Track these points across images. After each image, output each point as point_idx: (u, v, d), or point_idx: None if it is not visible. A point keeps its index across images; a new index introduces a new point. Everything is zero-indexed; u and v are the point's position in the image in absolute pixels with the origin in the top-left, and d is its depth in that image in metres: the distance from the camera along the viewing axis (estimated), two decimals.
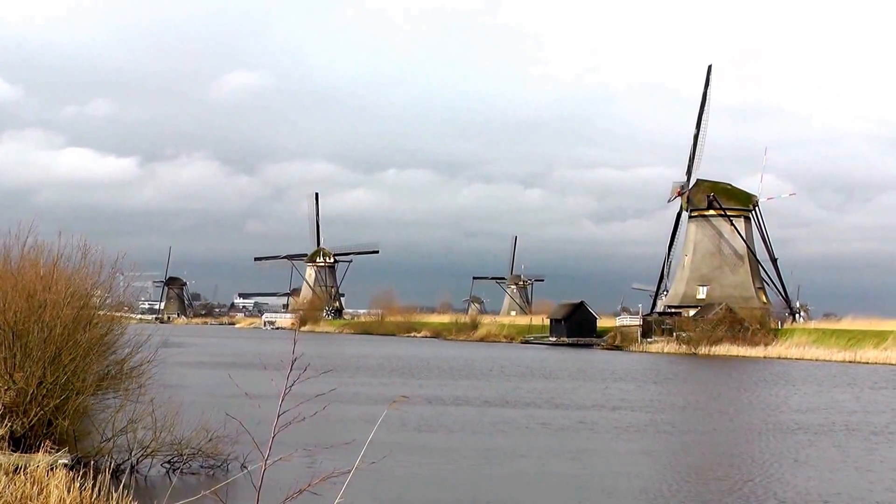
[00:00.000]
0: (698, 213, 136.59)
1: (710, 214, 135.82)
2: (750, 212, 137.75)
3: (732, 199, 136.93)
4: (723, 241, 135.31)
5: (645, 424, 43.96)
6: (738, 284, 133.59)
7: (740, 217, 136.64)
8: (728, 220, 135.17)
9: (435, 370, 79.19)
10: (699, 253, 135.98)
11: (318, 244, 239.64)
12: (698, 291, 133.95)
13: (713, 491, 27.77)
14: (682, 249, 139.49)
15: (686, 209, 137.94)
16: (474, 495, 26.59)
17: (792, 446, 37.34)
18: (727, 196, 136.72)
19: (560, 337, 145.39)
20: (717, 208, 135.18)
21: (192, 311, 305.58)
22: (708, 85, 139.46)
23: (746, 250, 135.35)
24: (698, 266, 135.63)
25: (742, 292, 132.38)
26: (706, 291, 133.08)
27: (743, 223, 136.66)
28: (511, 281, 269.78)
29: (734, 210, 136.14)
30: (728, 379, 76.57)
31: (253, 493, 8.43)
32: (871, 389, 65.96)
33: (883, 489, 28.39)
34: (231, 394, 42.19)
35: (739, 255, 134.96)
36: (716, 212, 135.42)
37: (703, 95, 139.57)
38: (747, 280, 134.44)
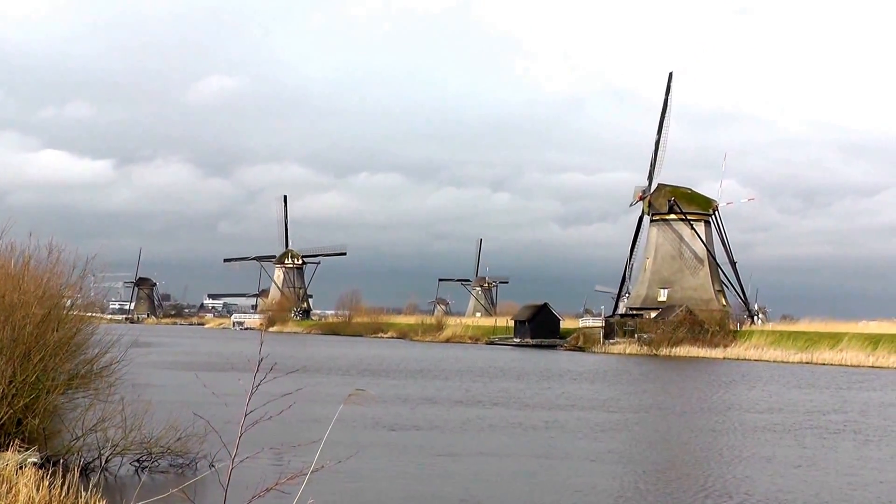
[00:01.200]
0: (660, 217, 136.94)
1: (671, 218, 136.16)
2: (710, 216, 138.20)
3: (693, 204, 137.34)
4: (683, 244, 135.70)
5: (610, 424, 44.05)
6: (698, 287, 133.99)
7: (700, 221, 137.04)
8: (688, 223, 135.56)
9: (403, 370, 79.15)
10: (660, 256, 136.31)
11: (286, 246, 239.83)
12: (659, 294, 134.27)
13: (677, 489, 27.83)
14: (644, 253, 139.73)
15: (648, 213, 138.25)
16: (442, 493, 26.56)
17: (752, 445, 37.51)
18: (687, 200, 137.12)
19: (524, 338, 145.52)
20: (678, 212, 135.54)
21: (161, 311, 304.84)
22: (669, 91, 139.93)
23: (706, 254, 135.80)
24: (659, 269, 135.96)
25: (702, 295, 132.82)
26: (667, 294, 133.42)
27: (703, 227, 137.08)
28: (476, 283, 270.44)
29: (694, 214, 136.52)
30: (688, 379, 76.82)
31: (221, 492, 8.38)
32: (827, 389, 66.26)
33: (842, 485, 28.51)
34: (199, 393, 42.01)
35: (699, 258, 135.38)
36: (676, 216, 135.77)
37: (665, 102, 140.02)
38: (707, 283, 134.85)
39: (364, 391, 9.62)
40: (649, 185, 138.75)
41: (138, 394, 29.71)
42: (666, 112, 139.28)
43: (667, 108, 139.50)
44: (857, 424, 45.57)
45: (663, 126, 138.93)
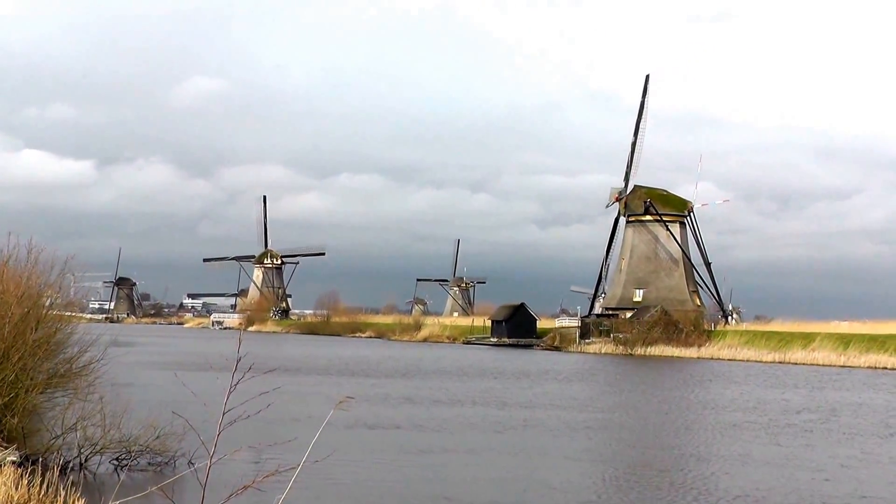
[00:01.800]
0: (635, 219, 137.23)
1: (646, 220, 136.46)
2: (685, 217, 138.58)
3: (668, 205, 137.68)
4: (659, 245, 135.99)
5: (588, 422, 44.10)
6: (672, 287, 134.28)
7: (676, 222, 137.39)
8: (664, 225, 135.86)
9: (381, 370, 79.12)
10: (636, 257, 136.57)
11: (265, 246, 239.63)
12: (635, 294, 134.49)
13: (655, 487, 27.88)
14: (620, 253, 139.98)
15: (624, 214, 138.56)
16: (421, 491, 26.55)
17: (729, 443, 37.62)
18: (663, 202, 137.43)
19: (501, 338, 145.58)
20: (654, 214, 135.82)
21: (141, 311, 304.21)
22: (645, 94, 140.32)
23: (681, 254, 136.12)
24: (635, 269, 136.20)
25: (677, 295, 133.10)
26: (642, 294, 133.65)
27: (678, 228, 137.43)
28: (453, 283, 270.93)
29: (670, 216, 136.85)
30: (664, 379, 76.95)
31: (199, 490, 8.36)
32: (800, 389, 66.43)
33: (816, 483, 28.59)
34: (178, 392, 41.87)
35: (675, 259, 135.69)
36: (652, 217, 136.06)
37: (641, 104, 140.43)
38: (682, 283, 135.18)
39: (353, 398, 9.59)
40: (625, 186, 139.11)
41: (117, 393, 29.66)
42: (642, 115, 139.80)
43: (643, 110, 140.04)
44: (830, 423, 45.73)
45: (639, 128, 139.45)
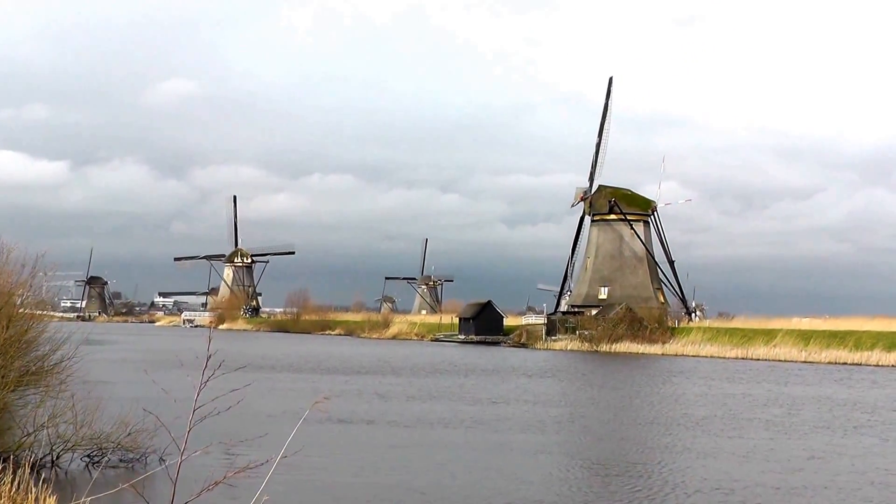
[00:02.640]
0: (600, 218, 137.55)
1: (611, 219, 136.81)
2: (649, 216, 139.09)
3: (632, 205, 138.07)
4: (623, 244, 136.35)
5: (557, 417, 44.28)
6: (637, 285, 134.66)
7: (640, 221, 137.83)
8: (628, 224, 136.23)
9: (352, 366, 79.01)
10: (601, 255, 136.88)
11: (236, 245, 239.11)
12: (600, 292, 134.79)
13: (626, 480, 27.92)
14: (585, 252, 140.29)
15: (589, 213, 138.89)
16: (391, 485, 26.49)
17: (697, 437, 37.72)
18: (627, 201, 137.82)
19: (468, 335, 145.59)
20: (618, 213, 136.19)
21: (113, 309, 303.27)
22: (609, 96, 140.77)
23: (645, 253, 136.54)
24: (600, 268, 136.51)
25: (641, 293, 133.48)
26: (607, 292, 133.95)
27: (642, 227, 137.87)
28: (421, 281, 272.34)
29: (634, 215, 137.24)
30: (630, 375, 77.14)
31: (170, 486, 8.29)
32: (763, 384, 66.70)
33: (783, 475, 28.68)
34: (150, 390, 41.67)
35: (639, 257, 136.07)
36: (617, 216, 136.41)
37: (605, 106, 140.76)
38: (646, 281, 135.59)
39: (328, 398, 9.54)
40: (590, 186, 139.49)
41: (89, 390, 29.45)
42: (606, 116, 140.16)
43: (607, 111, 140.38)
44: (795, 417, 45.95)
45: (604, 129, 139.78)
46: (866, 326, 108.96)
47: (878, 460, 33.12)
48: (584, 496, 25.69)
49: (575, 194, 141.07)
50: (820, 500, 25.50)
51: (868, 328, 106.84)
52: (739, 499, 25.37)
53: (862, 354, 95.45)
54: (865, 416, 47.45)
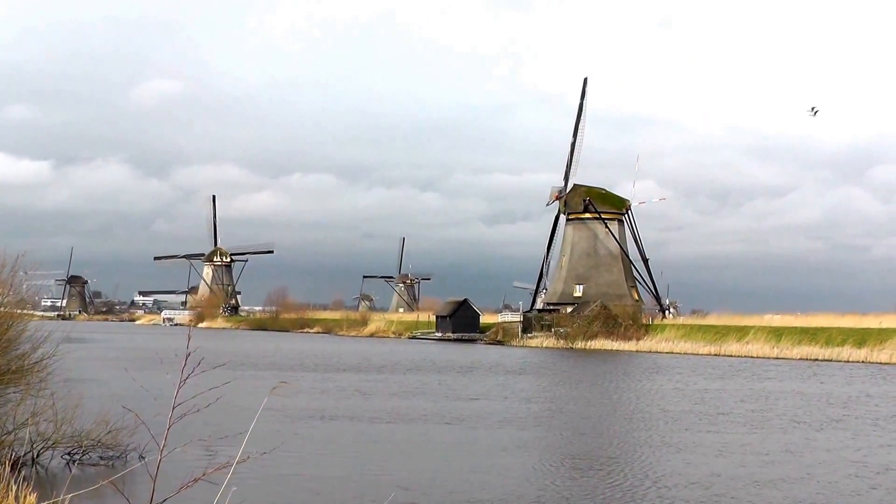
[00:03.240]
0: (575, 216, 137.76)
1: (586, 217, 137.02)
2: (623, 215, 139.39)
3: (607, 203, 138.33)
4: (598, 242, 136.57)
5: (536, 413, 44.37)
6: (612, 283, 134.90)
7: (614, 220, 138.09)
8: (603, 222, 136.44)
9: (331, 364, 78.95)
10: (576, 253, 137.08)
11: (215, 244, 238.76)
12: (575, 289, 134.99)
13: (603, 474, 27.93)
14: (561, 250, 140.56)
15: (564, 212, 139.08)
16: (369, 481, 26.43)
17: (672, 432, 37.79)
18: (602, 200, 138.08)
19: (445, 332, 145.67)
20: (593, 212, 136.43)
21: (93, 308, 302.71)
22: (584, 96, 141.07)
23: (620, 251, 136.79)
24: (575, 266, 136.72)
25: (616, 290, 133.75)
26: (582, 289, 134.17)
27: (617, 226, 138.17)
28: (399, 279, 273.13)
29: (608, 213, 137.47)
30: (605, 371, 77.21)
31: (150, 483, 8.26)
32: (736, 380, 66.89)
33: (761, 467, 28.76)
34: (130, 387, 41.56)
35: (613, 255, 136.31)
36: (591, 215, 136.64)
37: (580, 106, 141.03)
38: (620, 279, 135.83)
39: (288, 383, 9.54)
40: (565, 185, 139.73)
41: (70, 388, 29.35)
42: (581, 115, 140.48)
43: (582, 111, 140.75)
44: (770, 412, 46.09)
45: (578, 129, 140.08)
46: (837, 323, 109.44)
47: (851, 454, 33.22)
48: (564, 491, 25.67)
49: (550, 193, 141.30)
50: (796, 493, 25.56)
51: (839, 325, 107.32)
52: (717, 492, 25.42)
53: (833, 350, 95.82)
54: (838, 410, 47.62)
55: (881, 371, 78.09)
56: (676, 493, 25.25)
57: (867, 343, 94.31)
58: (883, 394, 57.21)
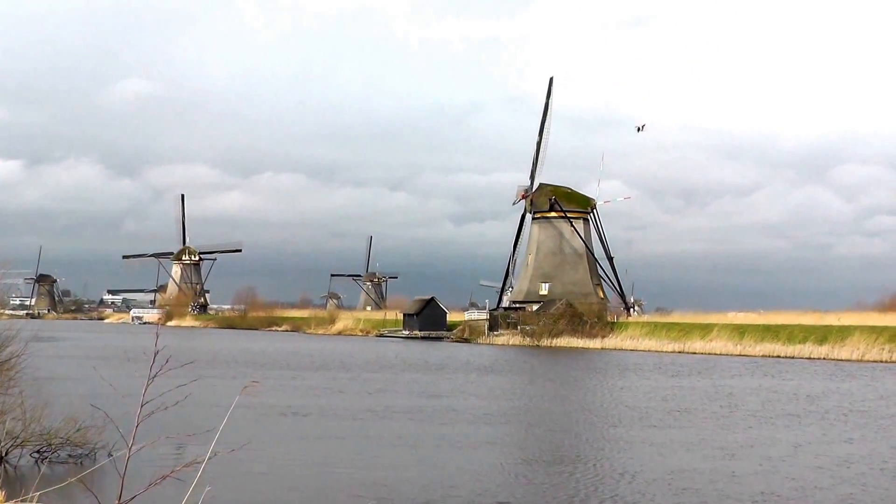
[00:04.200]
0: (541, 215, 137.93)
1: (551, 216, 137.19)
2: (588, 214, 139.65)
3: (572, 202, 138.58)
4: (563, 241, 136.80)
5: (505, 410, 44.41)
6: (577, 281, 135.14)
7: (580, 219, 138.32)
8: (568, 221, 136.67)
9: (301, 362, 78.82)
10: (542, 252, 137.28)
11: (183, 243, 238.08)
12: (541, 288, 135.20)
13: (570, 470, 27.99)
14: (527, 249, 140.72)
15: (530, 211, 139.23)
16: (341, 477, 26.41)
17: (639, 428, 37.87)
18: (567, 199, 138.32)
19: (413, 331, 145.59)
20: (559, 210, 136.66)
21: (62, 307, 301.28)
22: (550, 95, 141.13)
23: (585, 250, 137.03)
24: (541, 264, 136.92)
25: (581, 288, 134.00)
26: (548, 288, 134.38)
27: (582, 224, 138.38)
28: (366, 278, 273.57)
29: (574, 212, 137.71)
30: (572, 369, 77.36)
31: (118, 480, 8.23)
32: (700, 377, 67.15)
33: (727, 464, 28.87)
34: (98, 385, 41.42)
35: (579, 254, 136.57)
36: (557, 214, 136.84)
37: (546, 105, 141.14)
38: (586, 277, 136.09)
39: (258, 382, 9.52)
40: (531, 184, 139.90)
41: (38, 387, 29.25)
42: (547, 115, 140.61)
43: (548, 111, 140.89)
44: (734, 409, 46.24)
45: (544, 129, 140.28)
46: (799, 321, 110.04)
47: (814, 448, 33.38)
48: (533, 486, 25.73)
49: (517, 192, 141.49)
50: (760, 486, 25.68)
51: (800, 322, 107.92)
52: (682, 486, 25.49)
53: (794, 348, 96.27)
54: (802, 406, 47.84)
55: (841, 368, 78.51)
56: (643, 488, 25.31)
57: (828, 340, 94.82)
58: (845, 390, 57.51)
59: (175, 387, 8.99)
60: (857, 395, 54.56)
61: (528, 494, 24.67)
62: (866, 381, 65.11)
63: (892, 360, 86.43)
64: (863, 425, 40.64)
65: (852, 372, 73.55)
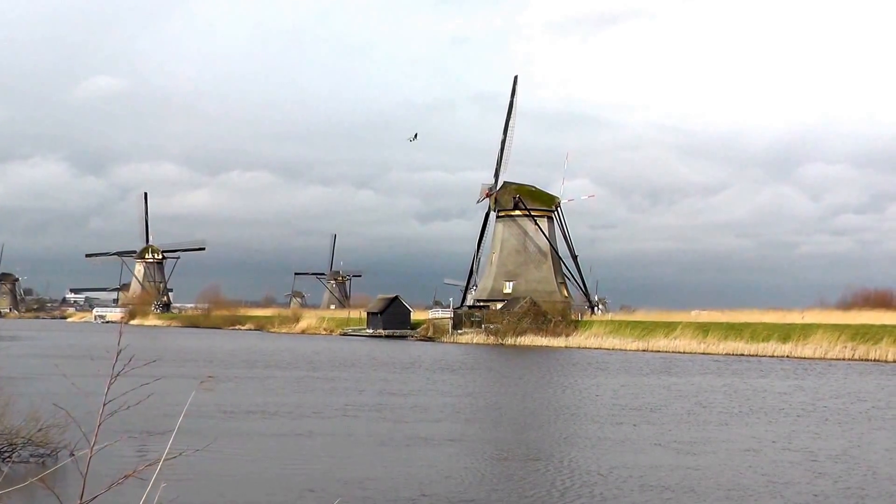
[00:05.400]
0: (505, 214, 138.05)
1: (516, 214, 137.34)
2: (553, 212, 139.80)
3: (536, 201, 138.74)
4: (528, 239, 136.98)
5: (471, 407, 44.60)
6: (541, 279, 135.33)
7: (544, 217, 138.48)
8: (532, 219, 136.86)
9: (264, 360, 78.62)
10: (506, 250, 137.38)
11: (147, 242, 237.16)
12: (505, 286, 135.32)
13: (530, 467, 28.00)
14: (491, 247, 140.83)
15: (494, 209, 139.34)
16: (305, 476, 26.33)
17: (602, 426, 37.95)
18: (531, 197, 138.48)
19: (376, 329, 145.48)
20: (523, 209, 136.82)
21: (24, 305, 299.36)
22: (514, 94, 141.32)
23: (549, 248, 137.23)
24: (505, 262, 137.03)
25: (545, 287, 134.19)
26: (512, 286, 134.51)
27: (546, 223, 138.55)
28: (330, 277, 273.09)
29: (538, 210, 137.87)
30: (534, 367, 77.44)
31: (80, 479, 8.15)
32: (669, 376, 67.41)
33: (691, 460, 28.98)
34: (61, 385, 41.17)
35: (543, 252, 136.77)
36: (521, 212, 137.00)
37: (510, 104, 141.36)
38: (550, 275, 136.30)
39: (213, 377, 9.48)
40: (496, 182, 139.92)
41: (0, 386, 29.00)
42: (512, 113, 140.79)
43: (512, 109, 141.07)
44: (699, 406, 46.44)
45: (508, 127, 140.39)
46: (762, 319, 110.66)
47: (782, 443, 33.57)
48: (500, 482, 25.74)
49: (481, 190, 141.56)
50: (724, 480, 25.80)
51: (763, 320, 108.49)
52: (650, 481, 25.58)
53: (758, 346, 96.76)
54: (765, 402, 48.09)
55: (803, 365, 78.95)
56: (613, 483, 25.37)
57: (791, 338, 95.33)
58: (808, 387, 57.84)
59: (138, 385, 8.92)
60: (821, 392, 54.88)
61: (497, 491, 24.68)
62: (829, 378, 65.50)
63: (854, 358, 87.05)
64: (825, 421, 40.94)
65: (815, 369, 73.96)
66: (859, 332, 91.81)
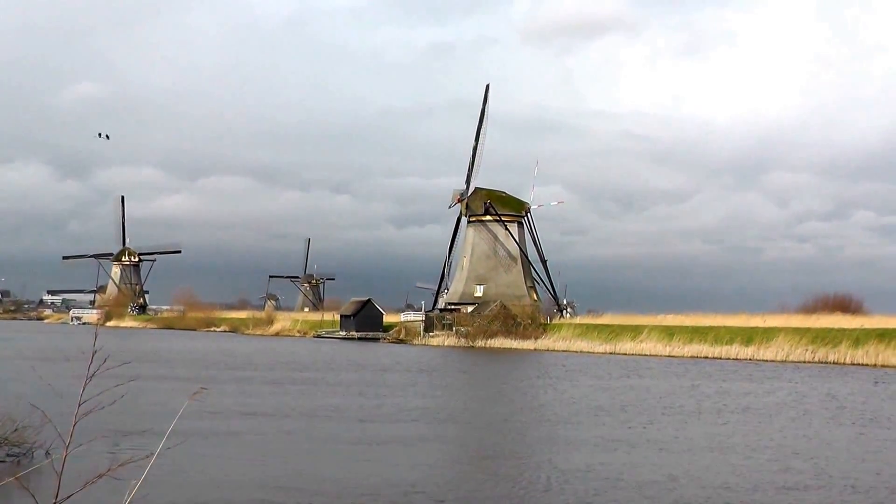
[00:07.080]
0: (476, 219, 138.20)
1: (486, 219, 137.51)
2: (523, 217, 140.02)
3: (507, 206, 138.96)
4: (498, 243, 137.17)
5: (445, 409, 44.50)
6: (511, 283, 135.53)
7: (514, 222, 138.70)
8: (503, 224, 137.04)
9: (238, 362, 78.44)
10: (476, 254, 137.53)
11: (123, 244, 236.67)
12: (475, 290, 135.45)
13: (500, 466, 28.04)
14: (462, 251, 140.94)
15: (465, 214, 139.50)
16: (277, 476, 26.28)
17: (576, 427, 38.05)
18: (502, 203, 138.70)
19: (349, 331, 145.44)
20: (493, 214, 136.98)
21: (1, 307, 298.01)
22: (486, 101, 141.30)
23: (519, 252, 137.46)
24: (475, 266, 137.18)
25: (515, 291, 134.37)
26: (483, 290, 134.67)
27: (516, 228, 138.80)
28: (304, 279, 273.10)
29: (508, 216, 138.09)
30: (502, 369, 77.63)
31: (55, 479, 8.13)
32: (640, 378, 67.61)
33: (662, 459, 29.09)
34: (36, 385, 40.94)
35: (513, 256, 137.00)
36: (492, 217, 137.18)
37: (482, 111, 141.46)
38: (520, 279, 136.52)
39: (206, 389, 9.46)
40: (467, 188, 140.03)
41: None
42: (484, 120, 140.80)
43: (484, 116, 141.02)
44: (669, 407, 46.57)
45: (480, 134, 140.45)
46: (726, 322, 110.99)
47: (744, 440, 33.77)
48: (471, 481, 25.78)
49: (452, 196, 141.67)
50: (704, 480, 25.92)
51: (728, 324, 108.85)
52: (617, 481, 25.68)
53: (721, 349, 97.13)
54: (726, 402, 48.32)
55: (764, 368, 79.29)
56: (583, 484, 25.44)
57: (754, 341, 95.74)
58: (768, 389, 58.13)
59: (113, 386, 8.90)
60: (780, 393, 55.15)
61: (468, 490, 24.70)
62: (787, 380, 65.82)
63: (815, 361, 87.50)
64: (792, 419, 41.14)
65: (778, 372, 74.30)
66: (819, 335, 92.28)
